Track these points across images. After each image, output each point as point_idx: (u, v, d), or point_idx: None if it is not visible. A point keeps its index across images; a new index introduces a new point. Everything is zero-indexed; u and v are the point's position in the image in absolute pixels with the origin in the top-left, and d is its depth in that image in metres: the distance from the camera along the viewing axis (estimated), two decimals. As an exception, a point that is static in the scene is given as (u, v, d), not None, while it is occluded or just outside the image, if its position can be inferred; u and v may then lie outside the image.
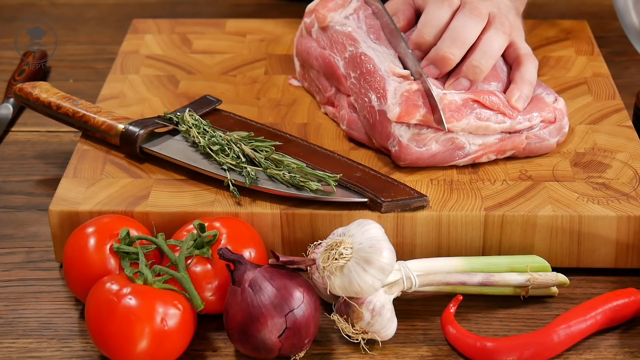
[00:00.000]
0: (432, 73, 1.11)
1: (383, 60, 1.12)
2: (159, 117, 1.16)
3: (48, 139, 1.29)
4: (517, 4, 1.20)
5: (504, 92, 1.12)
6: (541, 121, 1.11)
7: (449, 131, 1.08)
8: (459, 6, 1.11)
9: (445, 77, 1.12)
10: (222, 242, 0.99)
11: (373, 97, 1.09)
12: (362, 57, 1.12)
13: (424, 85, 1.08)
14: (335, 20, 1.18)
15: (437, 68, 1.10)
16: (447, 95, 1.08)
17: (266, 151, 1.08)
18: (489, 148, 1.10)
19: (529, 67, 1.13)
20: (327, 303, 1.01)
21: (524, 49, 1.14)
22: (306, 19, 1.22)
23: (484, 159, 1.10)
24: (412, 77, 1.10)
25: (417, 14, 1.18)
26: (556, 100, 1.13)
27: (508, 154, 1.11)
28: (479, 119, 1.08)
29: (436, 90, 1.09)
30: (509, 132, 1.10)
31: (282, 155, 1.08)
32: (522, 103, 1.10)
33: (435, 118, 1.07)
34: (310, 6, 1.22)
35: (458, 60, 1.10)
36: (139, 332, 0.91)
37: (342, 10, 1.19)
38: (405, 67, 1.12)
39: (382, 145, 1.11)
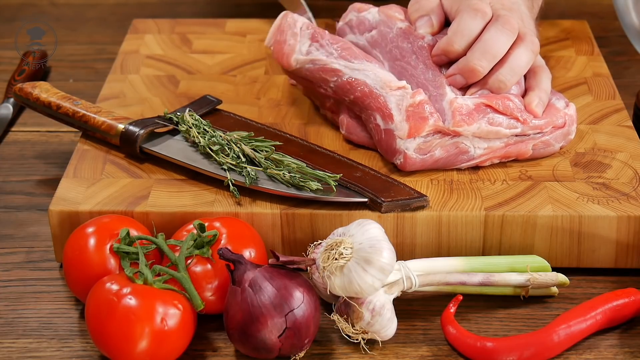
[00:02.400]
0: (459, 82, 1.11)
1: (374, 77, 1.10)
2: (159, 117, 1.16)
3: (48, 139, 1.29)
4: (532, 14, 1.21)
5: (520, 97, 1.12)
6: (552, 127, 1.11)
7: (456, 134, 1.07)
8: (491, 18, 1.11)
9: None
10: (222, 242, 0.99)
11: (377, 117, 1.09)
12: (352, 83, 1.10)
13: None
14: (300, 60, 1.13)
15: (464, 78, 1.10)
16: (458, 99, 1.08)
17: (266, 151, 1.08)
18: (494, 153, 1.09)
19: (544, 78, 1.13)
20: (327, 303, 1.01)
21: (539, 60, 1.15)
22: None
23: (487, 163, 1.10)
24: (410, 87, 1.09)
25: (446, 18, 1.17)
26: (567, 105, 1.13)
27: (511, 158, 1.11)
28: (490, 124, 1.08)
29: (450, 94, 1.09)
30: (516, 135, 1.10)
31: (282, 155, 1.08)
32: (541, 108, 1.10)
33: None
34: (267, 43, 1.19)
35: (486, 72, 1.10)
36: (139, 332, 0.91)
37: (299, 46, 1.13)
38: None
39: (387, 159, 1.10)
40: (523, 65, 1.11)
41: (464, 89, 1.11)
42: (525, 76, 1.14)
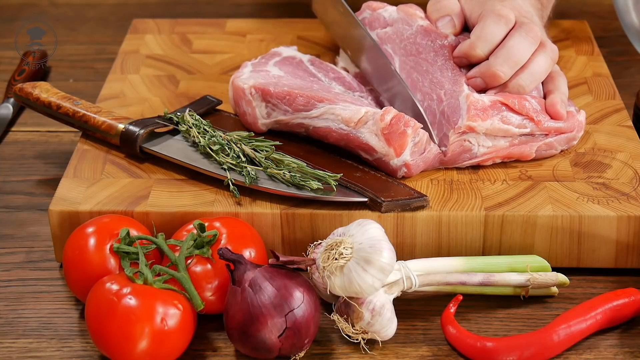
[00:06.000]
0: (479, 85, 1.11)
1: (334, 119, 1.08)
2: (159, 117, 1.16)
3: (48, 139, 1.29)
4: (542, 23, 1.21)
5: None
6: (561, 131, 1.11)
7: (469, 130, 1.07)
8: (514, 24, 1.12)
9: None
10: (222, 242, 0.99)
11: (361, 153, 1.09)
12: (319, 131, 1.10)
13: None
14: (266, 124, 1.13)
15: (484, 82, 1.11)
16: (474, 94, 1.08)
17: (266, 151, 1.08)
18: (497, 153, 1.09)
19: (562, 82, 1.15)
20: (327, 303, 1.01)
21: (555, 66, 1.16)
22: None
23: (488, 163, 1.10)
24: (370, 110, 1.08)
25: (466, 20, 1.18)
26: (578, 112, 1.14)
27: (513, 159, 1.11)
28: (502, 122, 1.08)
29: (467, 90, 1.09)
30: (522, 135, 1.10)
31: (282, 155, 1.08)
32: (565, 110, 1.11)
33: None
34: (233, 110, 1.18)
35: (507, 78, 1.11)
36: (139, 332, 0.91)
37: (258, 111, 1.13)
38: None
39: (392, 176, 1.10)
40: (542, 72, 1.12)
41: (482, 92, 1.12)
42: (542, 82, 1.14)
